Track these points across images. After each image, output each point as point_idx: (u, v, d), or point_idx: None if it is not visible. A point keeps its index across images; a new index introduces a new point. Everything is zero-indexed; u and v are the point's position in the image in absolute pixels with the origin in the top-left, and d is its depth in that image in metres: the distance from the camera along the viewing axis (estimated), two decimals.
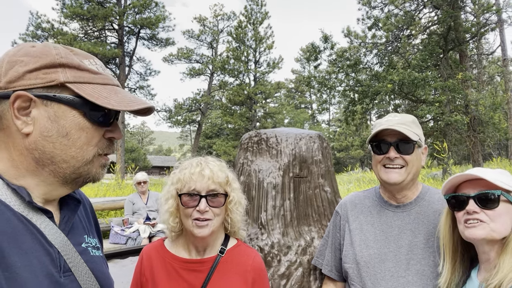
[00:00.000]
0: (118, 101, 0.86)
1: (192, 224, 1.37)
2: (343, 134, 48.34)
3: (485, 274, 1.29)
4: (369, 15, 18.27)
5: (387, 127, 1.56)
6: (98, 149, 0.90)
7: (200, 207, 1.35)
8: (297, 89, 59.45)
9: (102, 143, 0.90)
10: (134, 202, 6.37)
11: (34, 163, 0.84)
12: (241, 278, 1.43)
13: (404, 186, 1.61)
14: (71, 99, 0.84)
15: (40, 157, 0.84)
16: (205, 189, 1.37)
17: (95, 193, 10.46)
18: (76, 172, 0.88)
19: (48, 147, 0.83)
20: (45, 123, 0.83)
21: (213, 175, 1.39)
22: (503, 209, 1.25)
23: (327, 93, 20.04)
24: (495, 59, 23.49)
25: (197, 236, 1.38)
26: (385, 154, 1.60)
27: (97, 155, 0.90)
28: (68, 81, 0.83)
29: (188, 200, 1.37)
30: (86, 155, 0.87)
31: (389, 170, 1.59)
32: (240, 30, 33.89)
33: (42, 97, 0.82)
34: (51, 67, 0.83)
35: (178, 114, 35.37)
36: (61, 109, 0.83)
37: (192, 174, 1.39)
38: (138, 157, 50.26)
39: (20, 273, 0.75)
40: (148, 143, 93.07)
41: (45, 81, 0.82)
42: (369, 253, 1.62)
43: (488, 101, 14.51)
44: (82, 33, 27.00)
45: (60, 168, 0.86)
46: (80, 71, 0.86)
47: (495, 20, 16.43)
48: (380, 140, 1.62)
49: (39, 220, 0.83)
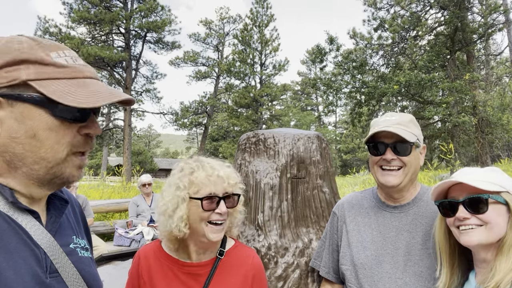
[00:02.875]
0: (86, 97, 0.80)
1: (208, 229, 1.35)
2: (349, 136, 48.08)
3: (482, 276, 1.26)
4: (375, 16, 18.20)
5: (383, 129, 1.53)
6: (72, 148, 0.85)
7: (222, 209, 1.34)
8: (303, 91, 59.35)
9: (76, 140, 0.85)
10: (138, 204, 6.38)
11: (6, 166, 0.82)
12: (241, 279, 1.42)
13: (402, 188, 1.58)
14: (36, 97, 0.78)
15: (11, 159, 0.81)
16: (222, 191, 1.37)
17: (100, 196, 10.51)
18: (49, 173, 0.83)
19: (17, 149, 0.80)
20: (12, 124, 0.79)
21: (229, 177, 1.39)
22: (494, 211, 1.21)
23: (333, 95, 19.94)
24: (503, 60, 23.21)
25: (211, 241, 1.35)
26: (381, 156, 1.56)
27: (70, 153, 0.85)
28: (30, 79, 0.78)
29: (207, 204, 1.34)
30: (58, 155, 0.82)
31: (386, 173, 1.56)
32: (246, 33, 33.97)
33: (7, 97, 0.78)
34: (13, 64, 0.78)
35: (185, 117, 35.45)
36: (27, 109, 0.79)
37: (209, 176, 1.36)
38: (145, 160, 50.47)
39: (5, 273, 0.73)
40: (155, 146, 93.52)
41: (7, 80, 0.77)
42: (366, 254, 1.59)
43: (496, 102, 14.34)
44: (89, 37, 27.28)
45: (33, 170, 0.82)
46: (44, 66, 0.80)
47: (503, 20, 16.24)
48: (377, 141, 1.58)
49: (25, 221, 0.82)
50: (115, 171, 22.80)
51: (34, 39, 0.84)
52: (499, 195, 1.22)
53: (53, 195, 0.94)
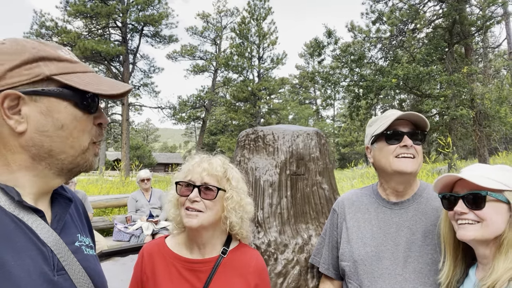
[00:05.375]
0: (107, 86, 0.89)
1: (183, 213, 1.40)
2: (347, 130, 48.09)
3: (483, 272, 1.27)
4: (373, 9, 18.09)
5: (405, 113, 1.55)
6: (92, 137, 0.92)
7: (191, 195, 1.38)
8: (301, 85, 59.23)
9: (94, 130, 0.93)
10: (137, 199, 6.38)
11: (30, 159, 0.85)
12: (243, 279, 1.42)
13: (413, 176, 1.60)
14: (60, 91, 0.84)
15: (38, 152, 0.84)
16: (199, 180, 1.40)
17: (99, 191, 10.51)
18: (73, 162, 0.89)
19: (46, 142, 0.84)
20: (39, 119, 0.83)
21: (211, 168, 1.42)
22: (492, 209, 1.22)
23: (331, 89, 19.91)
24: (501, 52, 23.19)
25: (187, 226, 1.39)
26: (399, 143, 1.56)
27: (91, 142, 0.92)
28: (54, 73, 0.83)
29: (182, 189, 1.42)
30: (83, 143, 0.89)
31: (403, 160, 1.55)
32: (244, 26, 33.80)
33: (30, 93, 0.81)
34: (32, 61, 0.82)
35: (183, 111, 35.32)
36: (52, 102, 0.83)
37: (191, 166, 1.44)
38: (143, 155, 50.47)
39: (14, 272, 0.74)
40: (153, 140, 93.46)
41: (29, 77, 0.81)
42: (366, 250, 1.60)
43: (494, 95, 14.33)
44: (86, 31, 27.06)
45: (58, 160, 0.87)
46: (60, 62, 0.86)
47: (501, 13, 16.19)
48: (393, 130, 1.58)
49: (31, 220, 0.83)
50: (115, 166, 22.78)
51: (35, 40, 0.88)
52: (501, 194, 1.22)
53: (57, 194, 0.95)
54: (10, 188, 0.82)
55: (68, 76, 0.85)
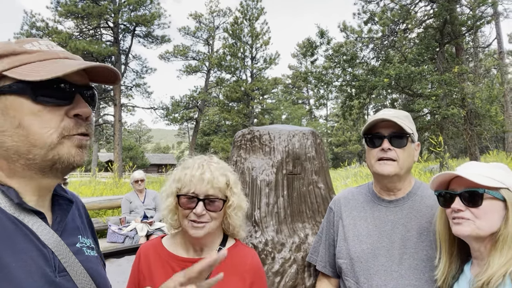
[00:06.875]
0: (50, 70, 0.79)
1: (188, 225, 1.38)
2: (340, 129, 48.39)
3: (478, 269, 1.29)
4: (365, 9, 18.22)
5: (382, 117, 1.58)
6: (63, 131, 0.83)
7: (197, 210, 1.36)
8: (294, 85, 59.35)
9: (66, 123, 0.84)
10: (131, 200, 6.35)
11: (5, 162, 0.82)
12: (239, 278, 1.43)
13: (397, 179, 1.62)
14: (12, 86, 0.79)
15: (7, 153, 0.81)
16: (203, 193, 1.37)
17: (92, 192, 10.43)
18: (46, 159, 0.82)
19: (8, 142, 0.80)
20: None
21: (213, 179, 1.38)
22: (488, 206, 1.24)
23: (324, 89, 19.98)
24: (491, 52, 23.47)
25: (194, 237, 1.39)
26: (379, 147, 1.60)
27: (62, 137, 0.83)
28: (4, 69, 0.79)
29: (186, 202, 1.38)
30: (47, 139, 0.81)
31: (382, 162, 1.59)
32: (236, 26, 33.80)
33: None
34: None
35: (175, 112, 35.16)
36: (8, 100, 0.80)
37: (192, 176, 1.39)
38: (136, 156, 50.18)
39: (15, 274, 0.74)
40: (145, 141, 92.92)
41: None
42: (362, 248, 1.62)
43: (484, 94, 14.50)
44: (77, 31, 26.87)
45: (30, 160, 0.82)
46: (15, 56, 0.81)
47: (491, 12, 16.42)
48: (375, 133, 1.63)
49: (31, 221, 0.83)
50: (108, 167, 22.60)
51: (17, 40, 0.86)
52: (497, 191, 1.25)
53: (58, 195, 0.95)
54: (11, 190, 0.82)
55: (18, 68, 0.79)
